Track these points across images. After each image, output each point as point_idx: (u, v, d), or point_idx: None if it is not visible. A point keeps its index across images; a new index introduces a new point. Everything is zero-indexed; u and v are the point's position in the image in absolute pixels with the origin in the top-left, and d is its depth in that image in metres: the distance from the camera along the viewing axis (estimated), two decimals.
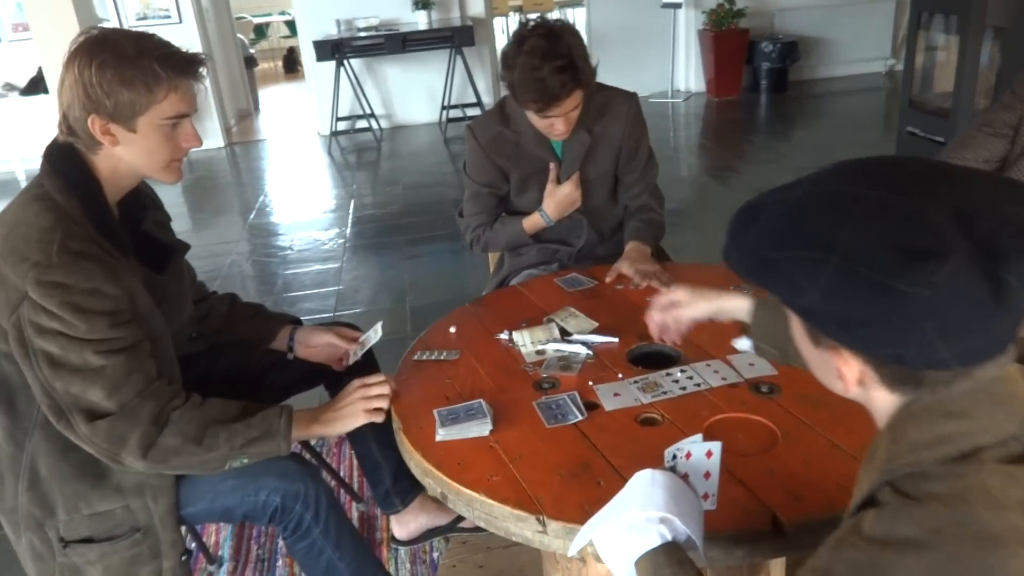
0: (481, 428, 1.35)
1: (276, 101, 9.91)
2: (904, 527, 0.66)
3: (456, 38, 6.58)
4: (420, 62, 7.08)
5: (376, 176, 6.22)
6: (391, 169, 6.27)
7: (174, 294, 1.56)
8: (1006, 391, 0.70)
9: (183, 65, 1.32)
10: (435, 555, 2.01)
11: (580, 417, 1.36)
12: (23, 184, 6.43)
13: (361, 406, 1.45)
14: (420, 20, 6.76)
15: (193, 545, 1.97)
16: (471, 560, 1.95)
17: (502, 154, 2.07)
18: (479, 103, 7.03)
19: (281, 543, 2.09)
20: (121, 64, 1.27)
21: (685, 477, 1.02)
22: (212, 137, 7.30)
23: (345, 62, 6.67)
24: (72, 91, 1.28)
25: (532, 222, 2.10)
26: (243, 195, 5.99)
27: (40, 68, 6.59)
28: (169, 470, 1.37)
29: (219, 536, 2.16)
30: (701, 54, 7.49)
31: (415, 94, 7.32)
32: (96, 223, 1.31)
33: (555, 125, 1.90)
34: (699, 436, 1.03)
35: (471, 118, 7.11)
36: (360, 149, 6.92)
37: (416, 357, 1.64)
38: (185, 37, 6.88)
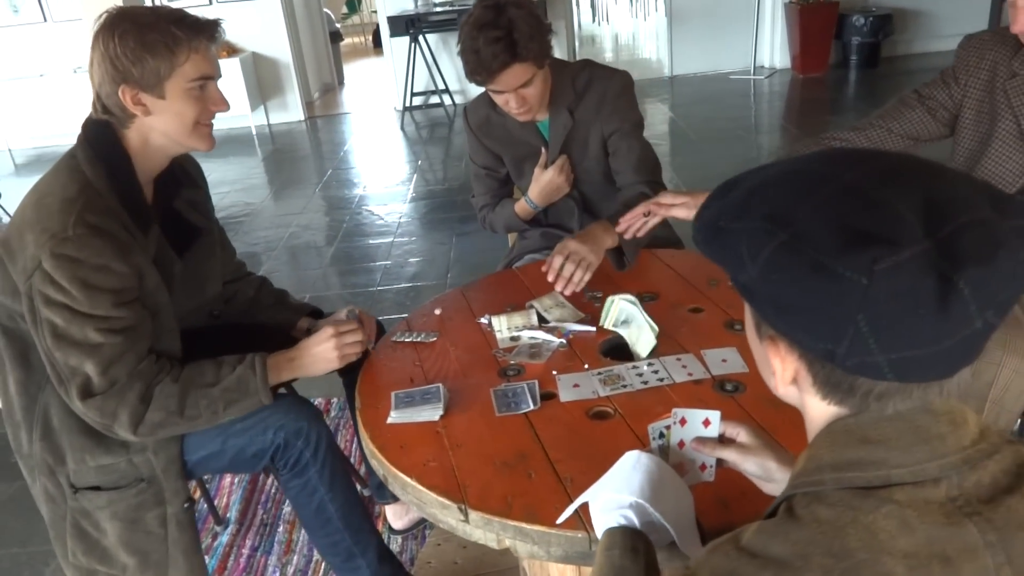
0: (432, 413, 1.35)
1: (361, 75, 10.10)
2: (777, 545, 0.63)
3: None
4: None
5: (444, 152, 6.27)
6: (460, 145, 6.30)
7: (197, 272, 1.62)
8: (937, 429, 0.63)
9: (199, 25, 1.39)
10: (426, 532, 2.04)
11: (532, 407, 1.34)
12: None
13: (334, 353, 1.49)
14: None
15: (199, 495, 2.07)
16: (456, 540, 1.97)
17: (492, 137, 2.05)
18: None
19: (287, 509, 2.17)
20: (141, 31, 1.34)
21: (680, 445, 1.02)
22: (292, 110, 7.52)
23: (420, 37, 6.72)
24: (101, 67, 1.35)
25: (521, 207, 2.07)
26: (314, 168, 6.15)
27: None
28: (162, 438, 1.44)
29: (230, 499, 2.26)
30: (787, 28, 7.17)
31: None
32: (120, 194, 1.38)
33: (509, 102, 1.83)
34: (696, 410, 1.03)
35: None
36: (432, 124, 6.98)
37: (395, 338, 1.65)
38: (267, 12, 7.14)
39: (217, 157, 6.65)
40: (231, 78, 6.82)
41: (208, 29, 1.41)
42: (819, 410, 0.69)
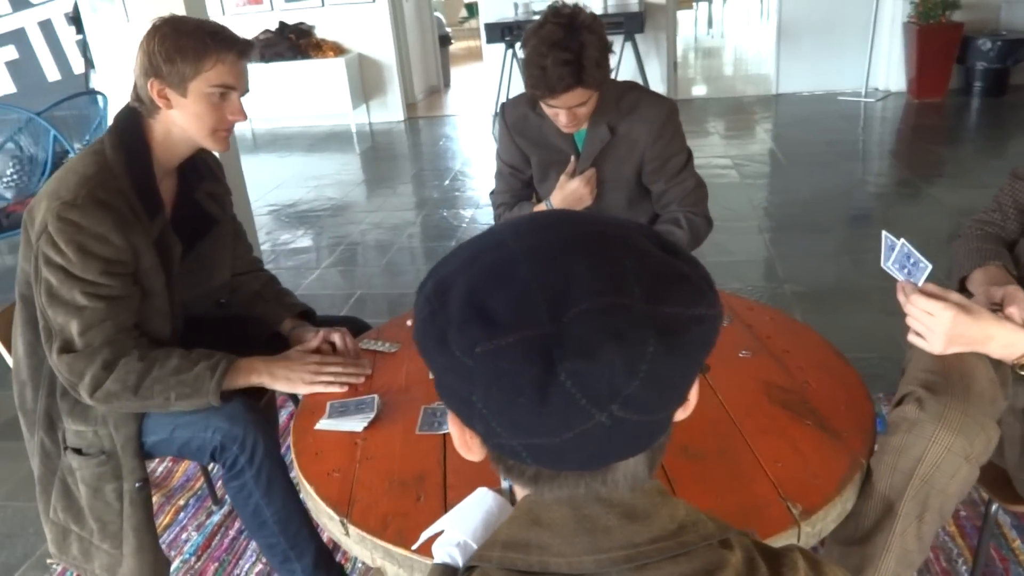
0: (357, 424, 1.38)
1: (469, 79, 10.29)
2: None
3: (626, 24, 6.46)
4: None
5: None
6: None
7: (206, 260, 1.74)
8: (605, 522, 0.58)
9: (230, 40, 1.52)
10: None
11: None
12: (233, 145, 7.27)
13: (307, 379, 1.54)
14: (595, 5, 6.71)
15: (202, 480, 2.17)
16: None
17: (526, 136, 2.07)
18: None
19: None
20: (178, 36, 1.48)
21: None
22: (393, 110, 7.76)
23: (517, 44, 6.78)
24: (139, 60, 1.51)
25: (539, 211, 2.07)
26: (403, 168, 6.32)
27: (253, 39, 7.36)
28: (114, 410, 1.54)
29: None
30: (905, 49, 6.77)
31: None
32: (133, 179, 1.50)
33: (559, 116, 1.86)
34: None
35: None
36: None
37: (362, 344, 1.69)
38: (376, 15, 7.39)
39: (315, 152, 6.96)
40: (335, 77, 7.11)
41: (238, 45, 1.53)
42: (518, 488, 0.64)
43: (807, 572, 0.62)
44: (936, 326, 1.17)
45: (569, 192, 2.01)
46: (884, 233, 1.27)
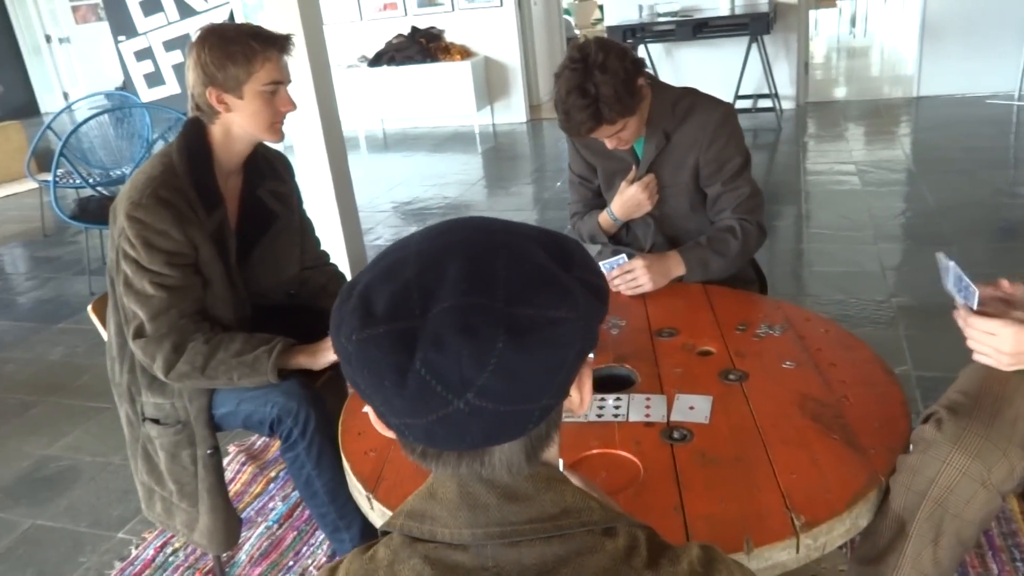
0: None
1: None
2: (353, 569, 0.69)
3: (752, 25, 6.29)
4: (718, 48, 6.89)
5: None
6: None
7: (274, 254, 1.89)
8: (485, 500, 0.64)
9: (270, 39, 1.65)
10: None
11: None
12: (363, 144, 7.67)
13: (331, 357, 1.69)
14: (722, 5, 6.58)
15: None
16: None
17: (589, 148, 2.12)
18: (774, 94, 6.65)
19: None
20: (225, 43, 1.62)
21: None
22: (516, 111, 7.92)
23: (642, 47, 6.75)
24: (194, 73, 1.66)
25: (603, 218, 2.12)
26: (521, 168, 6.45)
27: (387, 43, 7.73)
28: (186, 388, 1.72)
29: None
30: None
31: (709, 81, 7.08)
32: (194, 178, 1.67)
33: (605, 140, 1.92)
34: None
35: (762, 110, 6.81)
36: None
37: None
38: (503, 18, 7.57)
39: (439, 152, 7.22)
40: (461, 80, 7.34)
41: (279, 42, 1.66)
42: None
43: (694, 567, 0.65)
44: (1000, 345, 1.12)
45: (628, 199, 2.04)
46: (939, 255, 1.23)
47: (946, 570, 1.16)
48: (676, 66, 7.25)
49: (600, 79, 1.75)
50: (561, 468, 1.04)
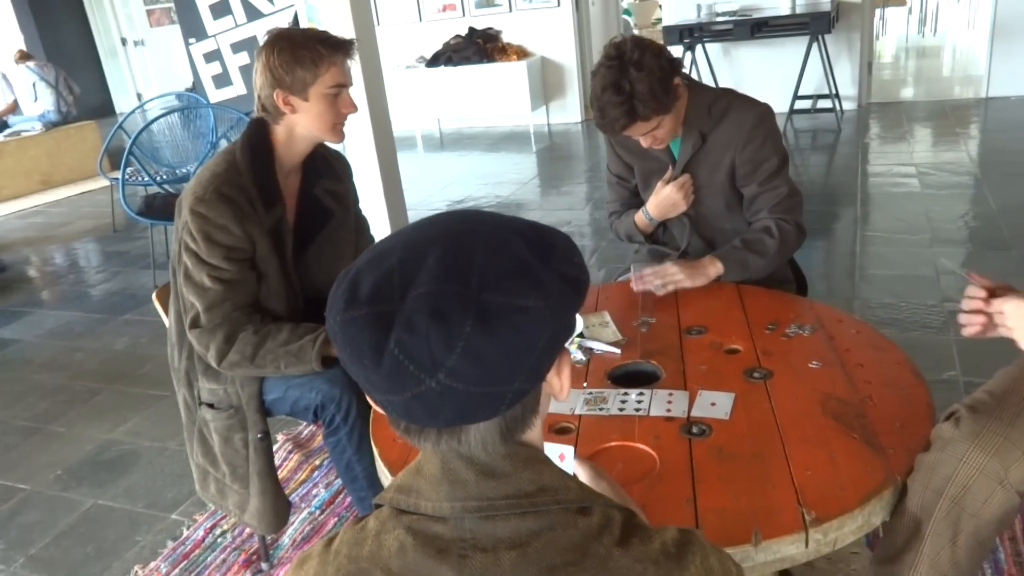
0: None
1: None
2: (342, 543, 0.73)
3: (812, 24, 6.17)
4: (778, 48, 6.79)
5: None
6: None
7: (329, 249, 1.95)
8: (464, 476, 0.68)
9: (337, 44, 1.73)
10: None
11: None
12: (419, 143, 7.79)
13: None
14: (783, 4, 6.48)
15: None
16: None
17: (626, 148, 2.14)
18: (835, 95, 6.52)
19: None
20: (293, 48, 1.70)
21: None
22: (571, 111, 7.94)
23: (698, 46, 6.70)
24: (262, 75, 1.73)
25: (639, 218, 2.14)
26: (574, 168, 6.47)
27: (444, 43, 7.84)
28: (237, 375, 1.80)
29: None
30: None
31: (768, 81, 7.00)
32: (255, 176, 1.75)
33: (640, 139, 1.93)
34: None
35: (822, 111, 6.68)
36: None
37: None
38: (560, 19, 7.60)
39: (493, 151, 7.29)
40: (516, 80, 7.39)
41: (344, 47, 1.73)
42: None
43: (666, 547, 0.68)
44: (1008, 322, 1.13)
45: (663, 198, 2.05)
46: (956, 269, 1.25)
47: (965, 571, 1.15)
48: (733, 66, 7.17)
49: (635, 76, 1.77)
50: (572, 457, 1.08)
